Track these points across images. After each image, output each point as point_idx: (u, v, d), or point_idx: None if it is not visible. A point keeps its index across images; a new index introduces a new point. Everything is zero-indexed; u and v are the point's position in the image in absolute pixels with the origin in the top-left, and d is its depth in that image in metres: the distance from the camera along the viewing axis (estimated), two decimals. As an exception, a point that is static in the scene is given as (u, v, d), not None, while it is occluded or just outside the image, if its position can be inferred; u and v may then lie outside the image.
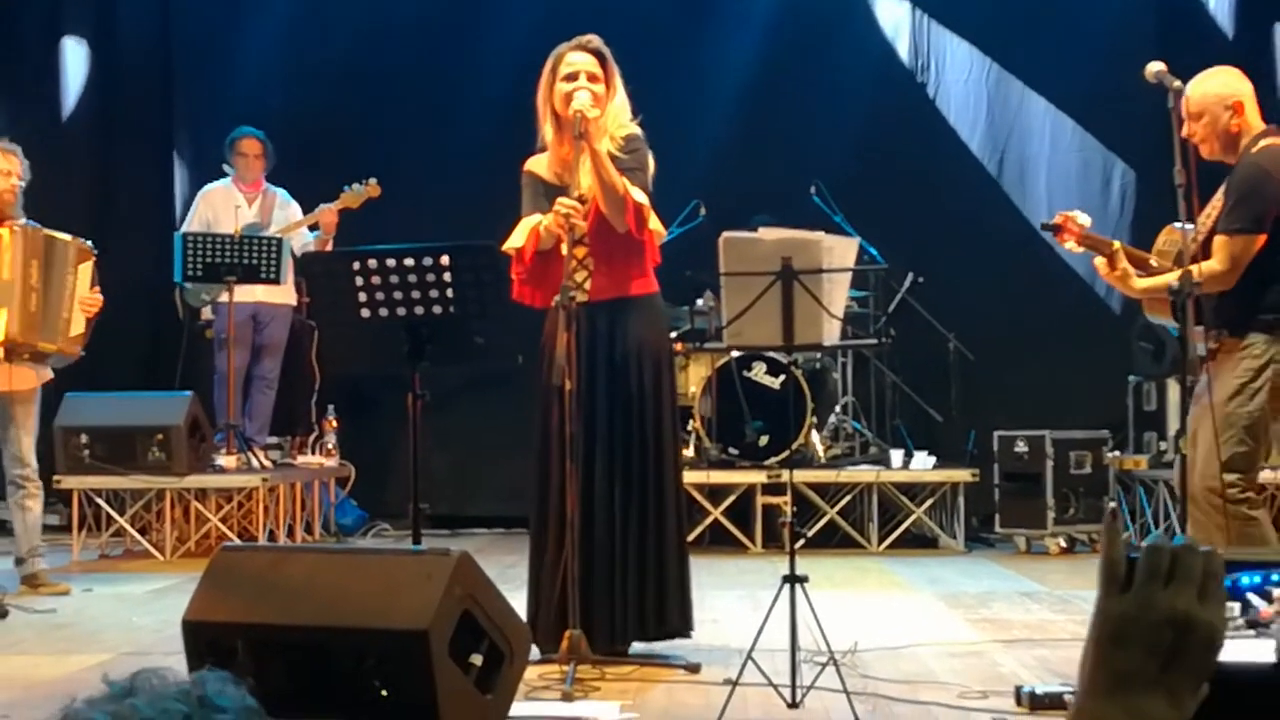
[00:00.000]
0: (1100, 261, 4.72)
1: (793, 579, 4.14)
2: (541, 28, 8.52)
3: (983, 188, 9.51)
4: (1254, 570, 3.00)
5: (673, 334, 8.22)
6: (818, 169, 8.84)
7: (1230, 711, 1.23)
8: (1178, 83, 4.45)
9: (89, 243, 6.57)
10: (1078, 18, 9.52)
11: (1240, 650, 2.75)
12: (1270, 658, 2.86)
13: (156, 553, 7.76)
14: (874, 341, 8.46)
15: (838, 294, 4.36)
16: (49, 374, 6.58)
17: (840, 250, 4.33)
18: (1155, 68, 4.49)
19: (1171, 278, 4.51)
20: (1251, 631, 2.89)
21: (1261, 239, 4.50)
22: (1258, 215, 4.50)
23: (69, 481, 7.67)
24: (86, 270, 6.49)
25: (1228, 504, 4.46)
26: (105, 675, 1.16)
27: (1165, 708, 1.15)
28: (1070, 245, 4.74)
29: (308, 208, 8.45)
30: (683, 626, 4.87)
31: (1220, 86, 4.64)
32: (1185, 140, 4.47)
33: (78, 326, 6.45)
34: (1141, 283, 4.67)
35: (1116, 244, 4.68)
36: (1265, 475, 6.22)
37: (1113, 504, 8.12)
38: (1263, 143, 4.60)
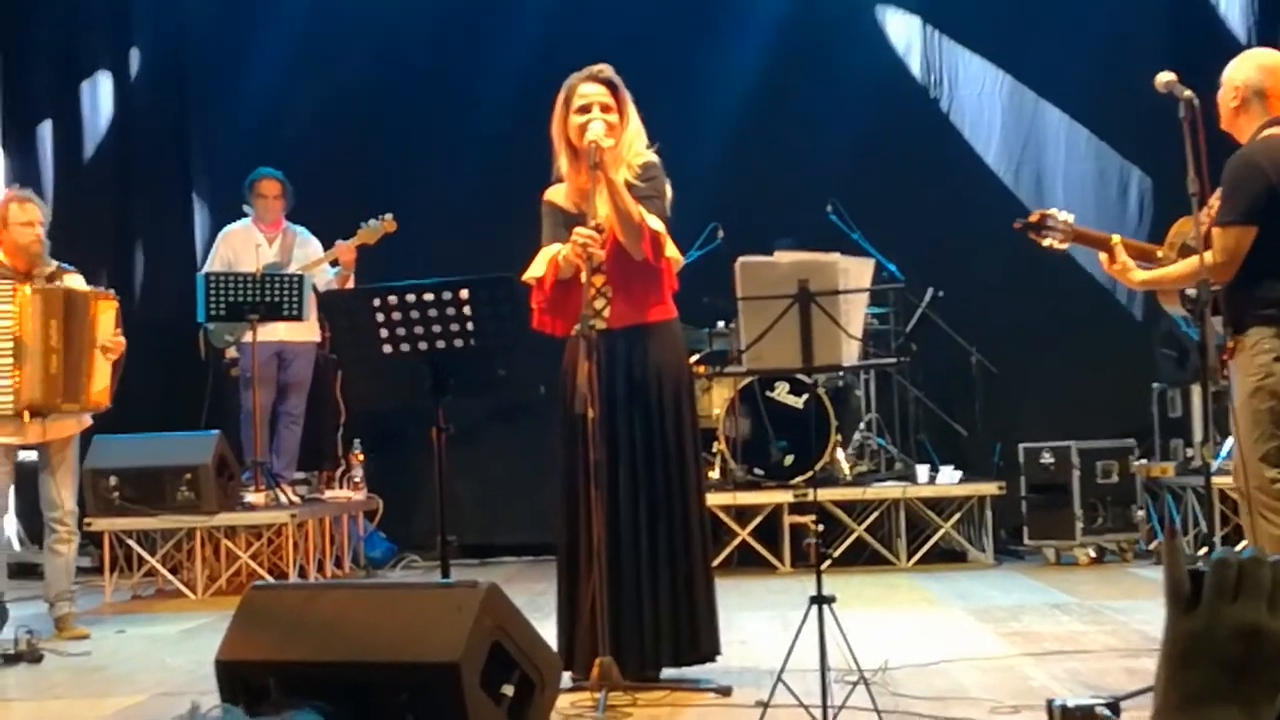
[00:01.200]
0: (1103, 256, 4.72)
1: (820, 599, 4.15)
2: (548, 55, 8.63)
3: (1000, 200, 9.49)
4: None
5: (694, 357, 8.27)
6: (834, 187, 8.86)
7: None
8: (1188, 92, 4.45)
9: (110, 290, 6.61)
10: (1089, 27, 9.54)
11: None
12: None
13: (188, 591, 7.80)
14: (893, 361, 8.47)
15: (855, 314, 4.37)
16: (88, 420, 6.65)
17: (857, 271, 4.35)
18: (1165, 78, 4.49)
19: (1175, 270, 4.51)
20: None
21: (1253, 231, 4.48)
22: (1247, 208, 4.48)
23: (100, 523, 7.72)
24: (110, 315, 6.52)
25: (1275, 500, 4.45)
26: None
27: (1240, 719, 1.16)
28: (1050, 243, 4.72)
29: (326, 244, 8.52)
30: (711, 650, 4.89)
31: (1245, 70, 4.65)
32: (1196, 148, 4.48)
33: (102, 379, 6.48)
34: (1140, 275, 4.66)
35: (1116, 238, 4.67)
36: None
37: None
38: (1265, 132, 4.60)
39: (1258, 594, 1.17)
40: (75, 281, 6.56)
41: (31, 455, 6.74)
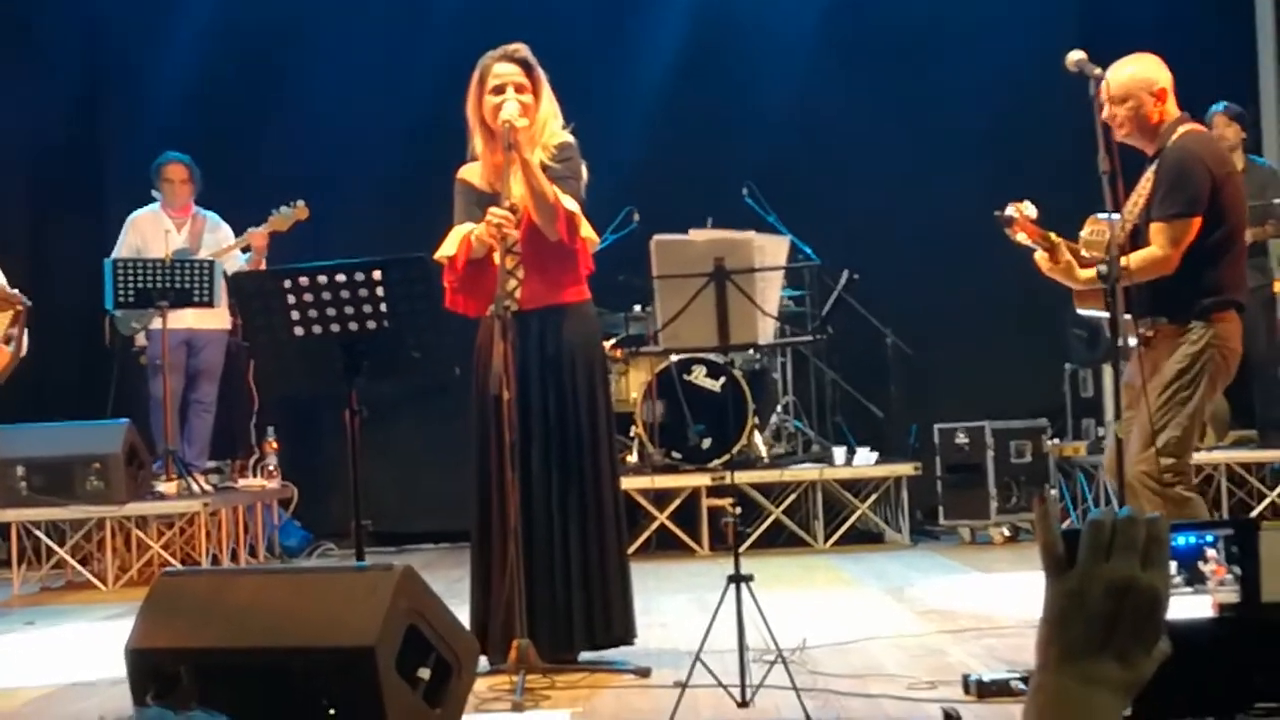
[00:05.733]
0: (1042, 256, 4.69)
1: (738, 578, 4.15)
2: (463, 35, 8.54)
3: (913, 183, 9.55)
4: (1189, 532, 3.08)
5: (611, 340, 8.25)
6: (750, 171, 8.87)
7: (1177, 663, 1.26)
8: (1098, 70, 4.49)
9: (15, 291, 6.28)
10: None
11: (1181, 607, 2.84)
12: (1208, 612, 2.96)
13: (99, 583, 7.67)
14: (809, 338, 8.51)
15: (771, 293, 4.37)
16: None
17: (772, 249, 4.35)
18: (1076, 56, 4.52)
19: (1130, 263, 4.53)
20: (1190, 589, 2.98)
21: (1198, 221, 4.54)
22: (1192, 198, 4.54)
23: (7, 514, 7.57)
24: (3, 319, 6.24)
25: (1165, 488, 4.50)
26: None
27: (1118, 669, 1.19)
28: (1021, 238, 4.72)
29: (238, 230, 8.41)
30: (626, 633, 4.88)
31: (1146, 72, 4.68)
32: (1107, 127, 4.52)
33: None
34: (1086, 273, 4.68)
35: (1054, 236, 4.68)
36: (1199, 457, 6.32)
37: (1050, 490, 8.19)
38: (1182, 129, 4.66)
39: (1131, 551, 1.20)
40: None
41: None
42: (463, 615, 3.90)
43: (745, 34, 9.83)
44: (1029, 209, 4.69)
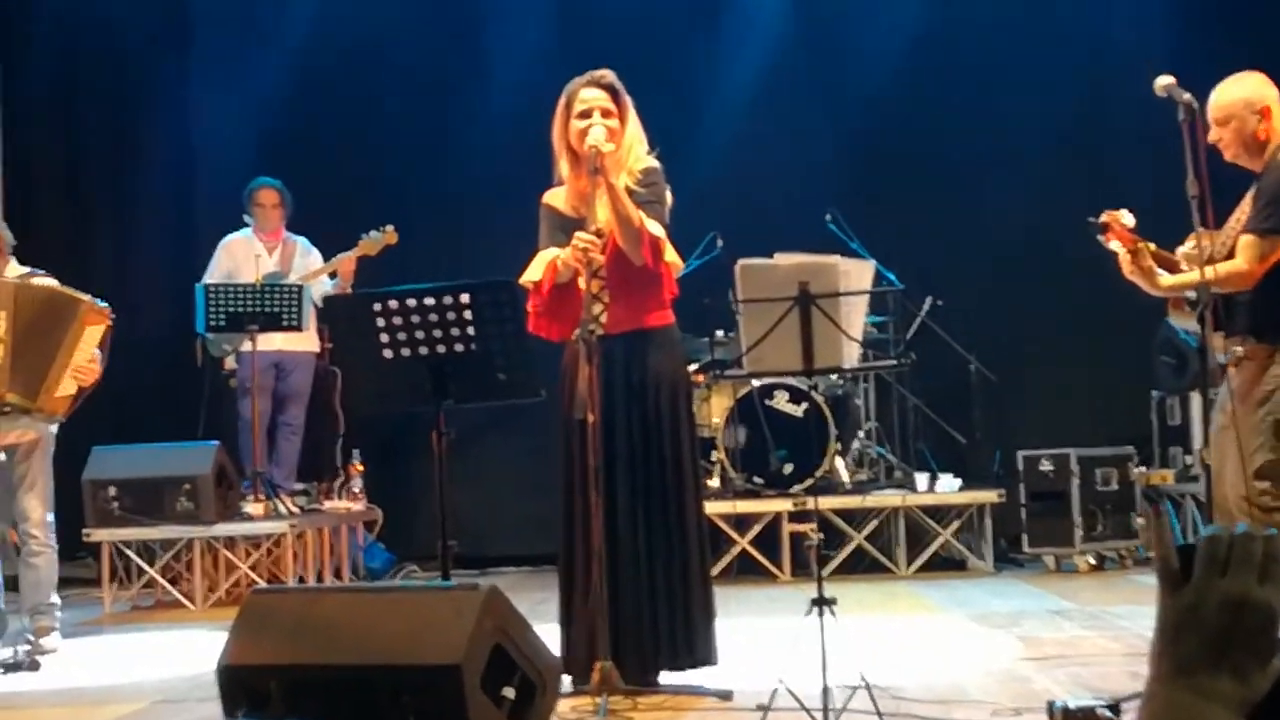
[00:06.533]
0: (1125, 257, 4.67)
1: (821, 601, 4.14)
2: (549, 61, 8.65)
3: (996, 206, 9.50)
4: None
5: (693, 365, 8.27)
6: (833, 196, 8.87)
7: None
8: (1187, 95, 4.46)
9: (104, 304, 6.23)
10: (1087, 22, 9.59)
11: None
12: None
13: (187, 602, 7.78)
14: (894, 363, 8.47)
15: (855, 317, 4.38)
16: (49, 429, 6.29)
17: (856, 273, 4.36)
18: (1164, 81, 4.49)
19: (1193, 277, 4.48)
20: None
21: None
22: None
23: (98, 534, 7.71)
24: (94, 334, 6.18)
25: (1261, 512, 4.44)
26: None
27: (1233, 685, 1.17)
28: (1114, 245, 4.68)
29: (327, 255, 8.52)
30: (707, 656, 4.88)
31: (1247, 91, 4.64)
32: (1196, 151, 4.48)
33: (66, 389, 6.11)
34: (1167, 280, 4.63)
35: (1142, 243, 4.64)
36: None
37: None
38: None
39: (1248, 567, 1.19)
40: (44, 282, 6.28)
41: None
42: (546, 637, 3.93)
43: (828, 59, 9.83)
44: (1126, 217, 4.67)
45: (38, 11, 9.99)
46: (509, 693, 3.60)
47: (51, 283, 6.31)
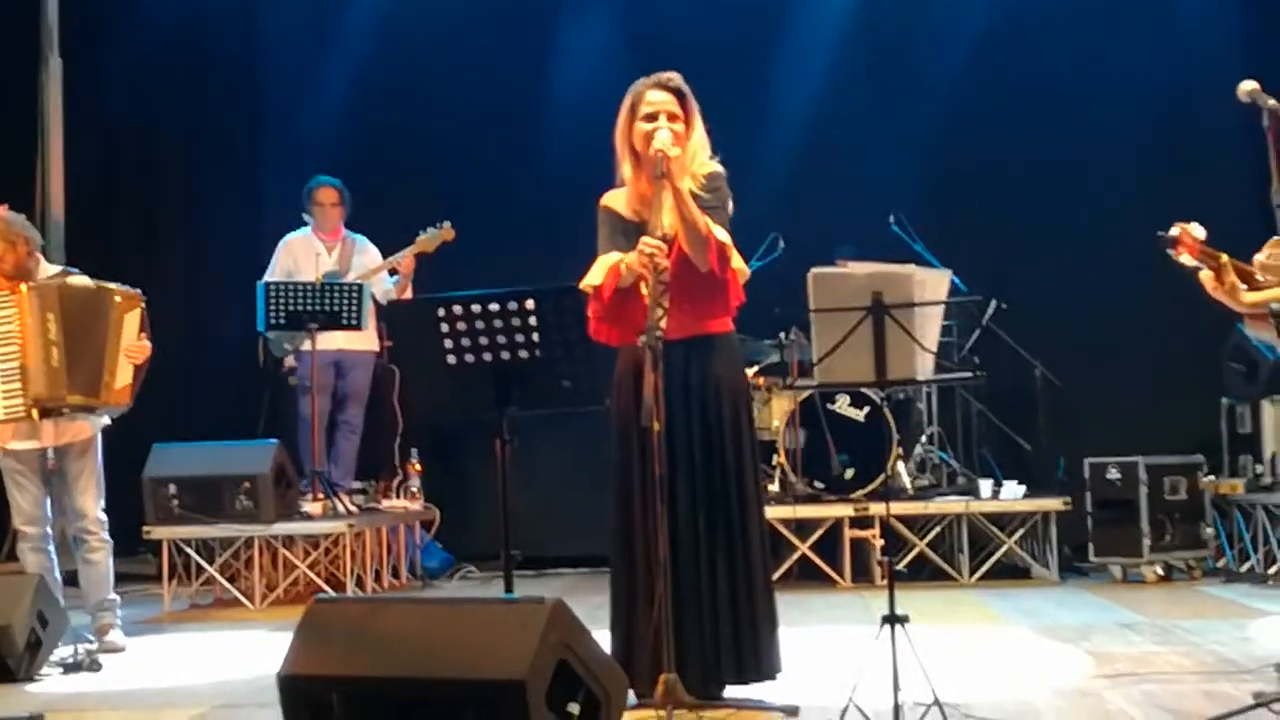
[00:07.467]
0: (1207, 275, 4.52)
1: (893, 619, 4.06)
2: (613, 62, 8.59)
3: (1060, 210, 9.38)
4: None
5: (754, 369, 8.19)
6: (895, 197, 8.78)
7: None
8: (1272, 101, 4.34)
9: (136, 290, 6.36)
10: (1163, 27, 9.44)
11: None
12: None
13: (246, 601, 7.79)
14: (967, 376, 8.35)
15: (930, 327, 4.29)
16: (105, 420, 6.39)
17: (932, 283, 4.27)
18: (1248, 86, 4.36)
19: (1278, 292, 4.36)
20: None
21: None
22: None
23: (158, 532, 7.73)
24: (134, 318, 6.30)
25: None
26: None
27: None
28: (1185, 259, 4.56)
29: (385, 252, 8.51)
30: (773, 668, 4.79)
31: None
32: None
33: (124, 377, 6.24)
34: (1251, 296, 4.50)
35: (1224, 257, 4.52)
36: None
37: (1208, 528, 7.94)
38: None
39: None
40: (80, 281, 6.34)
41: None
42: (604, 641, 3.86)
43: (890, 60, 9.73)
44: (1197, 230, 4.54)
45: (109, 13, 10.01)
46: (574, 708, 3.55)
47: (85, 280, 6.35)
